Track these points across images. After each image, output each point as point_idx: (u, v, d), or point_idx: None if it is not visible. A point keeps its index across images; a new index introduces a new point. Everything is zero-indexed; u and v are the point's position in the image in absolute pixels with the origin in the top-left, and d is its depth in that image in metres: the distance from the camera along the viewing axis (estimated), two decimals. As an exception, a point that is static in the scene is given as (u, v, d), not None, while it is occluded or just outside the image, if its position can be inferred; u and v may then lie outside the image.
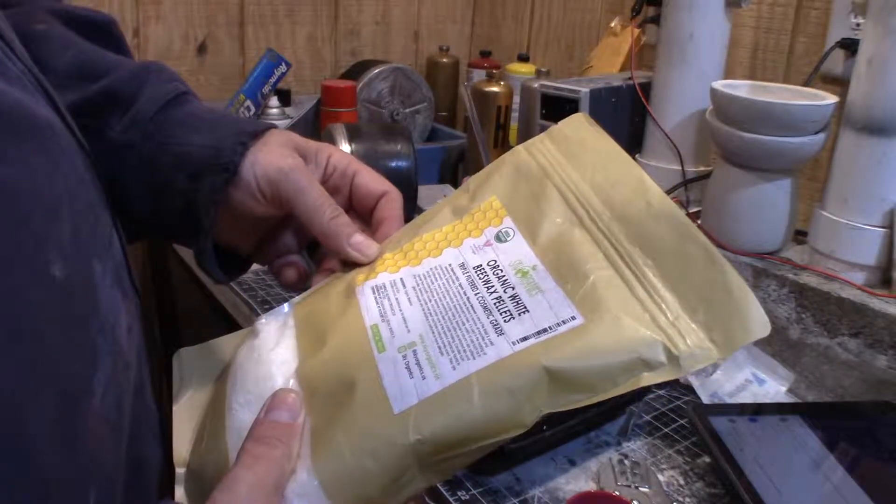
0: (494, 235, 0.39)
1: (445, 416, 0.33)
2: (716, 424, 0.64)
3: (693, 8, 0.87)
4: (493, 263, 0.37)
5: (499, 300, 0.35)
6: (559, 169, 0.40)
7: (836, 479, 0.59)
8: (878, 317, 0.70)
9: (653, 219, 0.36)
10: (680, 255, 0.34)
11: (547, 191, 0.39)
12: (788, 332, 0.77)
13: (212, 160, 0.42)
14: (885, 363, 0.70)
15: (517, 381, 0.32)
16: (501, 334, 0.34)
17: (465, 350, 0.34)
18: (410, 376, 0.34)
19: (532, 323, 0.34)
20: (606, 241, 0.36)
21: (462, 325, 0.35)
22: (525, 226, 0.38)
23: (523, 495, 0.62)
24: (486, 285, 0.36)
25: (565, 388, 0.32)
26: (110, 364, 0.32)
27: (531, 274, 0.36)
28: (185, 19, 1.35)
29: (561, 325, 0.33)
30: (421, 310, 0.37)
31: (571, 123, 0.43)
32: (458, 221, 0.41)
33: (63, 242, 0.29)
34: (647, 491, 0.62)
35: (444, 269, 0.38)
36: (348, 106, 1.21)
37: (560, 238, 0.37)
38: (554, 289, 0.35)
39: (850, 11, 0.90)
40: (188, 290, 1.19)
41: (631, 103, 0.97)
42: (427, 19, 1.61)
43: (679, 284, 0.34)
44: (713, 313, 0.32)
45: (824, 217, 0.77)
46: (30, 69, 0.33)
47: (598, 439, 0.70)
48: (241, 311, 0.92)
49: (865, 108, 0.73)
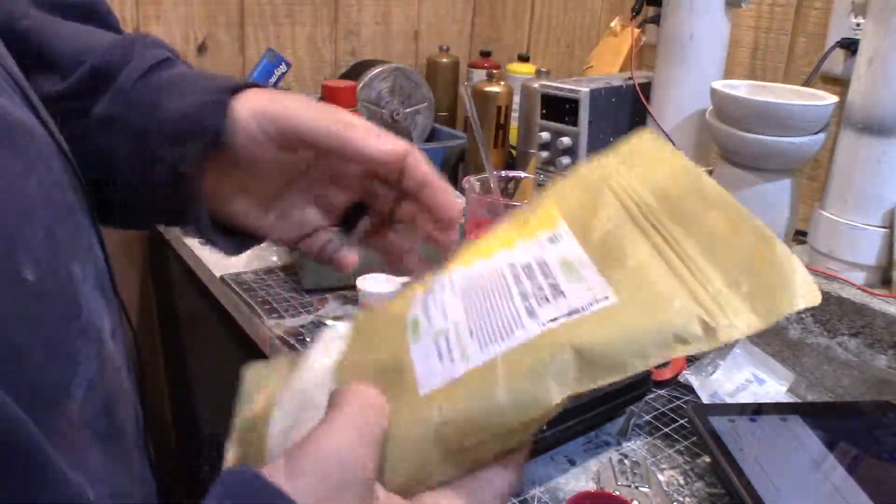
0: (547, 238, 0.38)
1: (470, 398, 0.32)
2: (716, 424, 0.64)
3: (693, 8, 0.87)
4: (539, 259, 0.37)
5: (538, 288, 0.35)
6: (617, 176, 0.40)
7: (836, 479, 0.59)
8: (878, 317, 0.70)
9: (706, 207, 0.35)
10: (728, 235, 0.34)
11: (604, 196, 0.39)
12: (788, 332, 0.77)
13: (191, 124, 0.40)
14: (885, 363, 0.70)
15: (543, 360, 0.32)
16: (533, 317, 0.33)
17: (495, 332, 0.33)
18: (440, 360, 0.34)
19: (566, 305, 0.33)
20: (654, 231, 0.36)
21: (497, 309, 0.34)
22: (579, 229, 0.38)
23: (523, 495, 0.62)
24: (528, 277, 0.36)
25: (594, 367, 0.31)
26: (95, 367, 0.32)
27: (576, 266, 0.35)
28: (185, 19, 1.35)
29: (594, 305, 0.33)
30: (461, 301, 0.36)
31: (637, 136, 0.43)
32: (515, 228, 0.41)
33: (36, 245, 0.29)
34: (647, 491, 0.62)
35: (493, 268, 0.38)
36: (348, 106, 1.21)
37: (610, 235, 0.37)
38: (593, 276, 0.34)
39: (850, 11, 0.90)
40: (188, 290, 1.19)
41: (631, 103, 0.97)
42: (427, 19, 1.61)
43: (724, 261, 0.33)
44: (757, 285, 0.32)
45: (824, 217, 0.77)
46: (9, 72, 0.33)
47: (598, 439, 0.70)
48: (241, 311, 0.92)
49: (865, 108, 0.73)
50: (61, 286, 0.31)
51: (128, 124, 0.42)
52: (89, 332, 0.32)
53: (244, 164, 0.42)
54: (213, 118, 0.40)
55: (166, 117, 0.41)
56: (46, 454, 0.26)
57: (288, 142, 0.41)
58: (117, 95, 0.42)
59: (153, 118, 0.41)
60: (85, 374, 0.31)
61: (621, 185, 0.39)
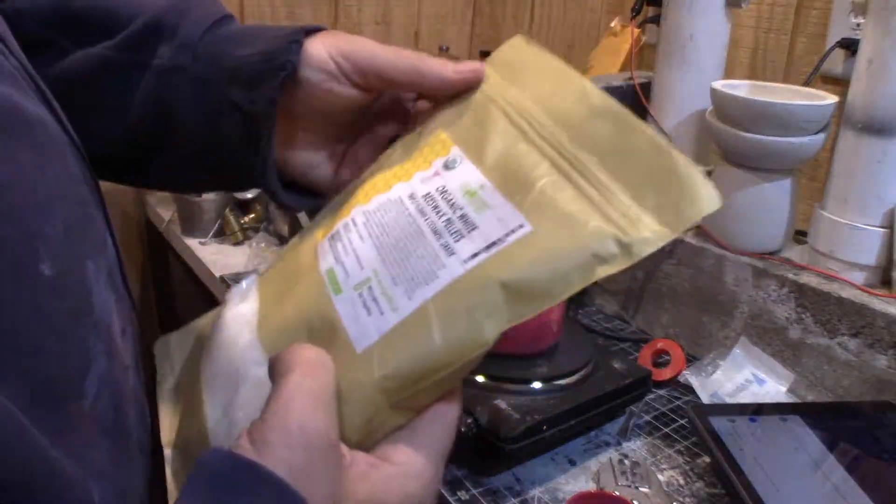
0: (442, 165, 0.38)
1: (407, 349, 0.32)
2: (716, 424, 0.64)
3: (693, 8, 0.87)
4: (441, 189, 0.37)
5: (448, 222, 0.35)
6: (501, 91, 0.40)
7: (836, 479, 0.59)
8: (878, 317, 0.70)
9: (596, 119, 0.35)
10: (625, 147, 0.34)
11: (491, 114, 0.39)
12: (788, 332, 0.77)
13: (265, 65, 0.41)
14: (885, 363, 0.70)
15: (473, 300, 0.32)
16: (452, 255, 0.33)
17: (418, 277, 0.33)
18: (369, 313, 0.34)
19: (482, 238, 0.33)
20: (551, 148, 0.36)
21: (413, 252, 0.34)
22: (472, 151, 0.38)
23: (523, 495, 0.62)
24: (434, 210, 0.36)
25: (523, 299, 0.31)
26: (105, 365, 0.32)
27: (479, 193, 0.35)
28: (185, 19, 1.35)
29: (510, 236, 0.33)
30: (373, 244, 0.36)
31: (511, 46, 0.43)
32: (408, 159, 0.41)
33: (54, 240, 0.29)
34: (647, 491, 0.62)
35: (394, 202, 0.38)
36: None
37: (505, 154, 0.37)
38: (502, 203, 0.34)
39: (850, 11, 0.90)
40: (188, 290, 1.19)
41: (631, 103, 0.97)
42: (427, 19, 1.61)
43: (626, 175, 0.33)
44: (662, 196, 0.32)
45: (824, 217, 0.77)
46: (24, 66, 0.33)
47: (598, 439, 0.70)
48: (241, 311, 0.92)
49: (865, 108, 0.73)
50: (76, 282, 0.31)
51: (194, 74, 0.42)
52: (101, 329, 0.32)
53: (316, 104, 0.42)
54: (289, 54, 0.40)
55: (237, 64, 0.41)
56: (52, 456, 0.26)
57: (366, 78, 0.41)
58: (183, 47, 0.42)
59: (221, 67, 0.42)
60: (97, 371, 0.31)
61: (508, 102, 0.39)
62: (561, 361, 0.70)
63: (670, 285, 0.88)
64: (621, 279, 0.92)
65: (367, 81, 0.42)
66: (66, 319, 0.29)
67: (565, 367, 0.69)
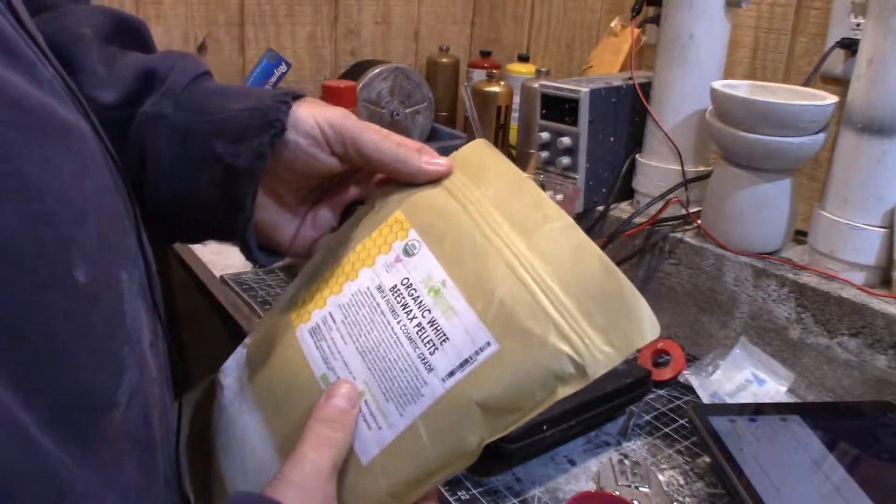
0: (402, 249, 0.40)
1: (406, 461, 0.36)
2: (716, 424, 0.64)
3: (693, 8, 0.87)
4: (406, 282, 0.39)
5: (420, 328, 0.38)
6: (460, 185, 0.42)
7: (836, 479, 0.59)
8: (878, 317, 0.70)
9: (549, 230, 0.38)
10: (576, 262, 0.36)
11: (450, 206, 0.41)
12: (788, 332, 0.77)
13: (255, 120, 0.41)
14: (885, 363, 0.70)
15: (455, 418, 0.36)
16: (431, 370, 0.37)
17: (406, 394, 0.37)
18: (368, 428, 0.38)
19: (455, 353, 0.37)
20: (508, 250, 0.38)
21: (395, 363, 0.38)
22: (431, 239, 0.40)
23: (523, 495, 0.62)
24: (405, 310, 0.39)
25: (498, 415, 0.35)
26: (137, 376, 0.32)
27: (442, 292, 0.38)
28: (185, 19, 1.35)
29: (479, 354, 0.36)
30: (356, 350, 0.39)
31: (472, 148, 0.44)
32: (369, 238, 0.43)
33: (89, 247, 0.29)
34: (647, 491, 0.62)
35: (364, 295, 0.40)
36: (348, 106, 1.21)
37: (463, 249, 0.38)
38: (466, 310, 0.37)
39: (850, 11, 0.90)
40: (188, 290, 1.19)
41: (631, 103, 0.97)
42: (427, 19, 1.60)
43: (577, 292, 0.36)
44: (611, 319, 0.35)
45: (824, 217, 0.77)
46: (61, 75, 0.33)
47: (598, 439, 0.70)
48: (241, 311, 0.92)
49: (865, 108, 0.73)
50: (109, 291, 0.31)
51: (175, 124, 0.43)
52: (132, 339, 0.32)
53: (297, 167, 0.43)
54: (279, 113, 0.41)
55: (226, 117, 0.42)
56: (60, 469, 0.26)
57: (346, 150, 0.43)
58: (166, 96, 0.43)
59: (206, 120, 0.42)
60: (129, 382, 0.31)
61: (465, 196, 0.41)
62: (561, 361, 0.70)
63: (670, 285, 0.88)
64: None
65: (347, 154, 0.43)
66: (100, 327, 0.30)
67: (565, 367, 0.69)
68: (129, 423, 0.31)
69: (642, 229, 0.89)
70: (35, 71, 0.30)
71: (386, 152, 0.42)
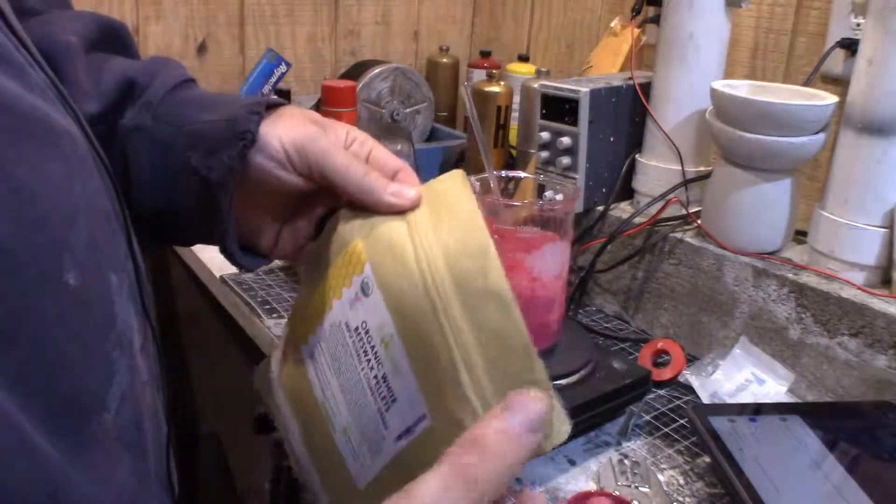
0: (360, 286, 0.40)
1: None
2: (716, 424, 0.64)
3: (693, 8, 0.87)
4: (364, 326, 0.39)
5: (377, 381, 0.39)
6: (420, 222, 0.40)
7: (836, 479, 0.59)
8: (878, 317, 0.70)
9: (485, 296, 0.37)
10: (501, 341, 0.36)
11: (405, 247, 0.39)
12: (788, 332, 0.77)
13: (226, 132, 0.42)
14: (885, 363, 0.70)
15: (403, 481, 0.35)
16: (387, 427, 0.38)
17: (373, 441, 0.39)
18: (356, 459, 0.40)
19: (400, 417, 0.38)
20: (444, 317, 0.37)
21: (364, 410, 0.39)
22: (381, 279, 0.39)
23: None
24: (365, 357, 0.39)
25: None
26: (127, 379, 0.32)
27: (392, 346, 0.38)
28: (185, 19, 1.35)
29: (418, 425, 0.37)
30: (339, 386, 0.41)
31: (446, 181, 0.42)
32: (336, 264, 0.42)
33: (79, 250, 0.29)
34: (647, 491, 0.62)
35: (338, 329, 0.41)
36: (348, 106, 1.21)
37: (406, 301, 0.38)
38: (408, 373, 0.37)
39: (850, 11, 0.90)
40: (188, 290, 1.19)
41: (631, 103, 0.97)
42: (427, 19, 1.60)
43: (498, 375, 0.35)
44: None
45: (824, 217, 0.77)
46: (51, 79, 0.33)
47: (598, 439, 0.70)
48: (241, 311, 0.92)
49: (865, 108, 0.73)
50: (99, 294, 0.31)
51: (154, 135, 0.43)
52: (123, 342, 0.32)
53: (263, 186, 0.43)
54: (248, 124, 0.41)
55: (198, 129, 0.42)
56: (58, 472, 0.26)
57: (311, 172, 0.43)
58: (144, 108, 0.43)
59: (180, 131, 0.43)
60: (120, 386, 0.31)
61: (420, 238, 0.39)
62: (561, 361, 0.70)
63: (670, 285, 0.88)
64: (621, 279, 0.92)
65: (312, 175, 0.43)
66: (90, 331, 0.30)
67: (565, 367, 0.69)
68: (120, 425, 0.31)
69: (642, 229, 0.89)
70: (26, 75, 0.30)
71: (350, 180, 0.42)
